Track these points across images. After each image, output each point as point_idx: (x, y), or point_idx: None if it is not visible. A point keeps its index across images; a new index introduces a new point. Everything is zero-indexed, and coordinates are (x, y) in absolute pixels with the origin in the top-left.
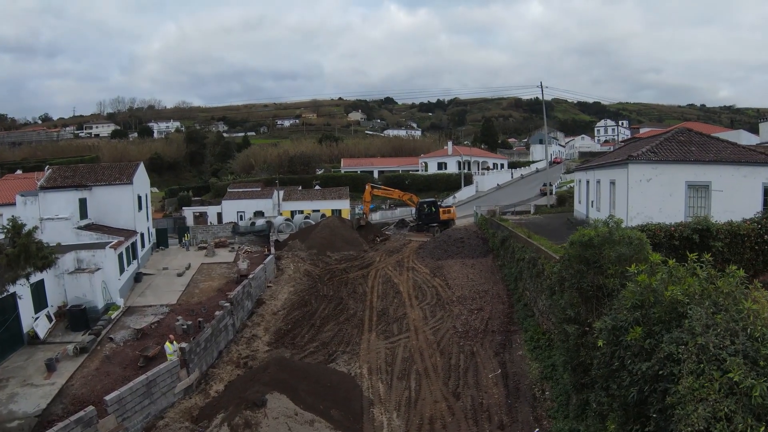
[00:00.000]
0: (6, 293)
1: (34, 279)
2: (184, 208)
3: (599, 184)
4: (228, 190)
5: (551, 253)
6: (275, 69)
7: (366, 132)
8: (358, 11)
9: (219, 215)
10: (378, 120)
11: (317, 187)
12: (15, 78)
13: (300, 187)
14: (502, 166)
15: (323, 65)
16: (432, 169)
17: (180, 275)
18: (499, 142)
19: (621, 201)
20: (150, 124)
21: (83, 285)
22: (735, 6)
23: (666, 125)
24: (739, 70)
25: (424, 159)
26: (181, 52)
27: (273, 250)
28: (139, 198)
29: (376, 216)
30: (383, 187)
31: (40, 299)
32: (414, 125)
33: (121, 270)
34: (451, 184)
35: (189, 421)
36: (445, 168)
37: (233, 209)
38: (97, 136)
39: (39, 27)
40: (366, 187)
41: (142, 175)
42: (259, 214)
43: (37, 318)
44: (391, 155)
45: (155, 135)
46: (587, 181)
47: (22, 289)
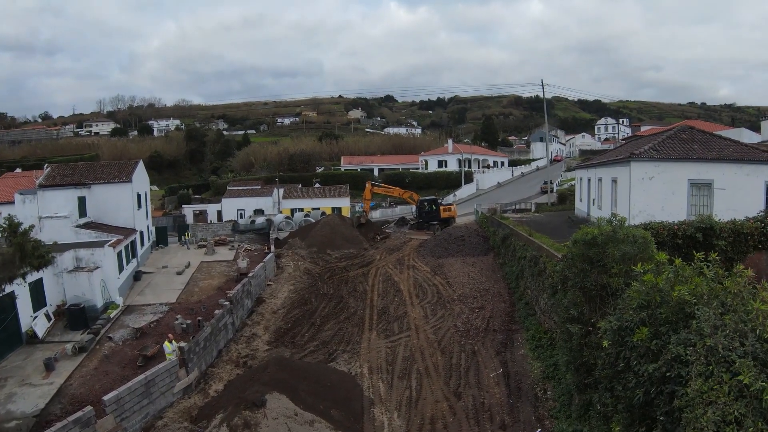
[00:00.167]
0: (2, 293)
1: (32, 278)
2: (183, 206)
3: (601, 182)
4: (228, 188)
5: (553, 252)
6: (275, 67)
7: (366, 130)
8: (358, 9)
9: (219, 213)
10: (378, 118)
11: (317, 185)
12: (15, 77)
13: (300, 185)
14: (502, 164)
15: (323, 63)
16: (432, 167)
17: (179, 274)
18: (500, 140)
19: (623, 199)
20: (150, 122)
21: (82, 284)
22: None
23: (666, 123)
24: (740, 68)
25: (424, 157)
26: (181, 50)
27: (273, 248)
28: (139, 196)
29: (376, 214)
30: (383, 185)
31: (38, 298)
32: (414, 123)
33: (120, 268)
34: (452, 182)
35: (188, 421)
36: (446, 166)
37: (233, 207)
38: (97, 134)
39: (38, 26)
40: (366, 185)
41: (141, 173)
42: (259, 212)
43: (36, 317)
44: (392, 153)
45: (155, 133)
46: (588, 179)
47: (20, 288)
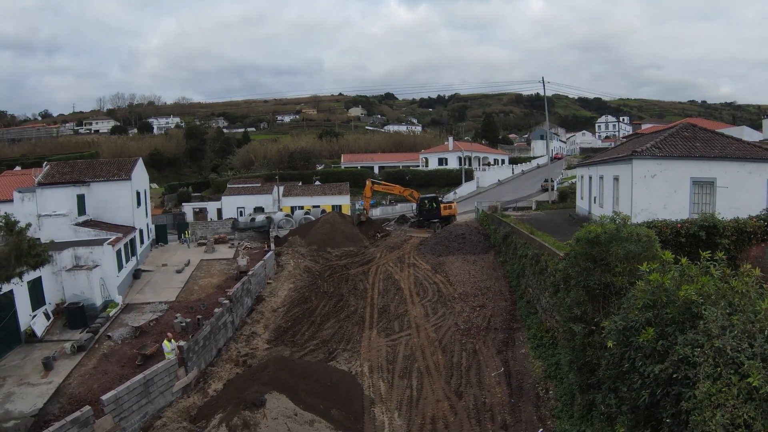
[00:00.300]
0: (0, 292)
1: (30, 277)
2: (183, 204)
3: (602, 180)
4: (228, 185)
5: (555, 250)
6: (275, 65)
7: (366, 127)
8: (357, 6)
9: (219, 211)
10: (378, 115)
11: (317, 183)
12: (14, 75)
13: (300, 183)
14: (503, 161)
15: (323, 61)
16: (433, 165)
17: (179, 272)
18: (500, 137)
19: (625, 197)
20: (150, 120)
21: (81, 282)
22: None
23: (667, 121)
24: (740, 66)
25: (424, 154)
26: (181, 48)
27: (273, 246)
28: (138, 194)
29: (376, 212)
30: (384, 183)
31: (37, 297)
32: (414, 121)
33: (120, 267)
34: (452, 179)
35: (187, 421)
36: (446, 164)
37: (233, 205)
38: (97, 132)
39: (38, 24)
40: (366, 183)
41: (140, 171)
42: (259, 209)
43: (35, 316)
44: (392, 151)
45: (155, 131)
46: (590, 177)
47: (18, 287)
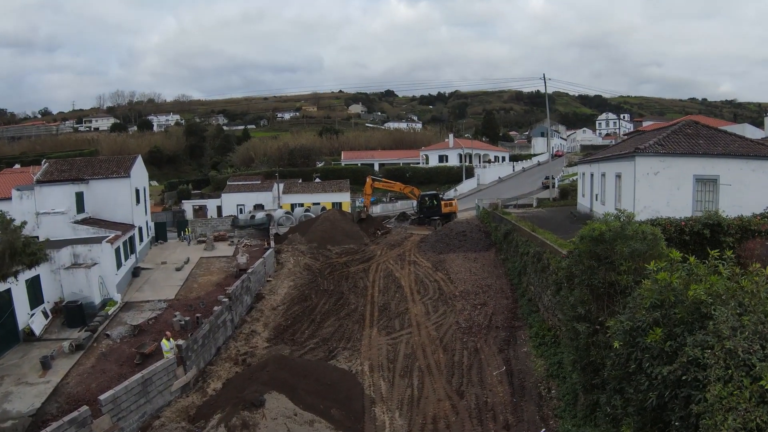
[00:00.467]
0: None
1: (29, 275)
2: (183, 201)
3: (604, 177)
4: (228, 183)
5: (557, 248)
6: (275, 62)
7: (366, 125)
8: (357, 3)
9: (219, 208)
10: (378, 113)
11: (317, 180)
12: (14, 73)
13: (300, 180)
14: (503, 159)
15: (323, 58)
16: (433, 162)
17: (178, 270)
18: (501, 135)
19: (627, 194)
20: (150, 117)
21: (79, 280)
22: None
23: (667, 119)
24: (741, 64)
25: (425, 152)
26: (181, 45)
27: (273, 243)
28: (137, 191)
29: (376, 209)
30: (384, 180)
31: (36, 295)
32: (415, 118)
33: (119, 265)
34: (453, 176)
35: (186, 421)
36: (447, 161)
37: (233, 202)
38: (97, 129)
39: (38, 22)
40: (367, 180)
41: (139, 168)
42: (259, 207)
43: (33, 314)
44: (392, 148)
45: (155, 128)
46: (591, 174)
47: (17, 285)
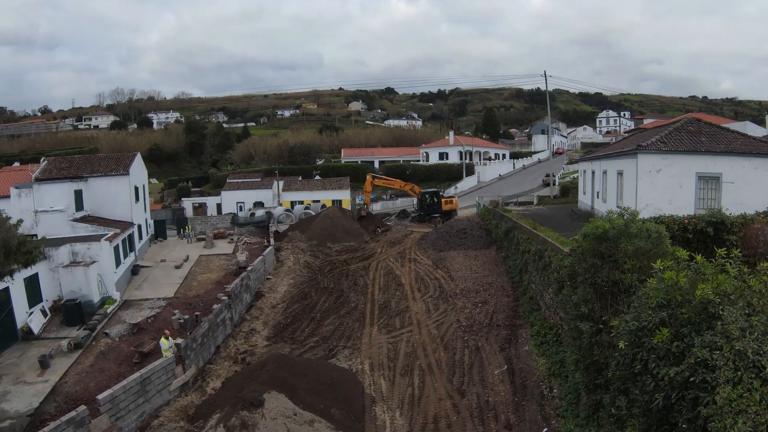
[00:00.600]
0: None
1: (27, 273)
2: (183, 199)
3: (606, 174)
4: (227, 180)
5: (558, 246)
6: (275, 59)
7: (366, 122)
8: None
9: (218, 206)
10: (378, 110)
11: (317, 178)
12: (14, 71)
13: (300, 178)
14: (503, 156)
15: (323, 55)
16: (433, 159)
17: (178, 267)
18: (501, 132)
19: (629, 192)
20: (149, 115)
21: (78, 278)
22: None
23: (668, 116)
24: (741, 62)
25: (425, 149)
26: (180, 42)
27: (272, 241)
28: (136, 189)
29: (377, 206)
30: (384, 177)
31: (34, 293)
32: (415, 115)
33: (117, 263)
34: (453, 174)
35: (184, 421)
36: (447, 158)
37: (233, 200)
38: (97, 127)
39: (37, 19)
40: (367, 177)
41: (139, 166)
42: (259, 204)
43: (32, 313)
44: (392, 145)
45: (155, 126)
46: (593, 172)
47: (15, 284)
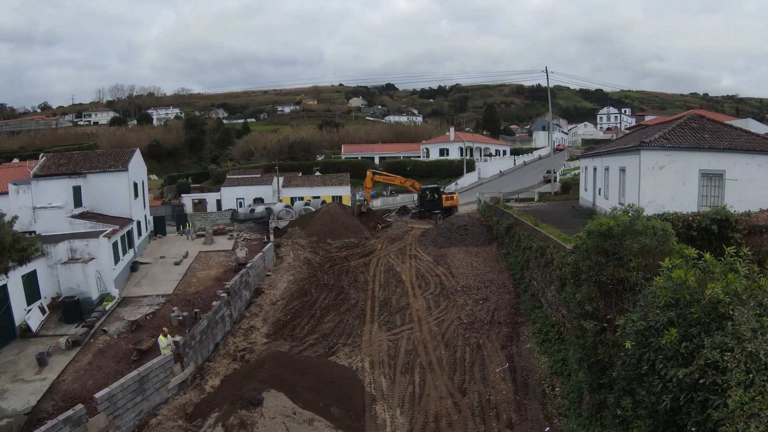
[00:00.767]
0: None
1: (26, 270)
2: (183, 195)
3: (608, 171)
4: (227, 176)
5: (561, 243)
6: (275, 55)
7: (367, 118)
8: None
9: (218, 202)
10: (379, 106)
11: (317, 174)
12: (14, 67)
13: (300, 174)
14: (504, 152)
15: (323, 51)
16: (434, 156)
17: (177, 264)
18: (502, 128)
19: (632, 189)
20: (149, 111)
21: (77, 275)
22: None
23: (669, 113)
24: (742, 59)
25: (425, 145)
26: (180, 39)
27: (272, 237)
28: (135, 185)
29: (377, 202)
30: (384, 174)
31: (32, 290)
32: (415, 111)
33: (116, 259)
34: (453, 170)
35: (183, 419)
36: (447, 154)
37: (232, 196)
38: (96, 123)
39: (37, 16)
40: (367, 173)
41: (138, 162)
42: (259, 200)
43: (30, 310)
44: (393, 141)
45: (154, 122)
46: (594, 168)
47: (13, 281)
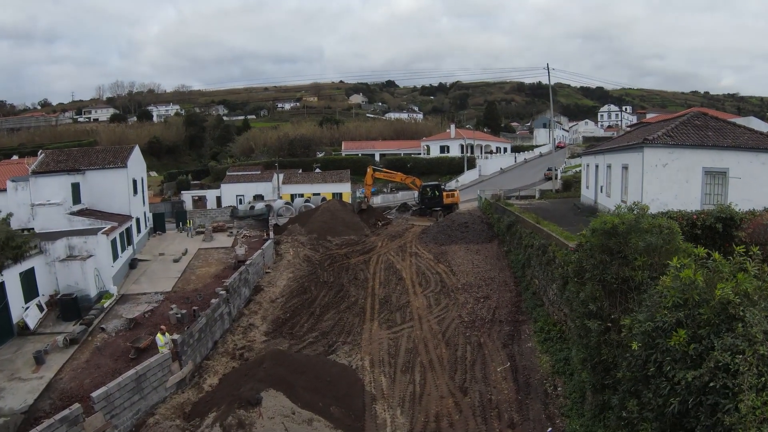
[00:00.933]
0: None
1: (23, 267)
2: (182, 191)
3: (610, 168)
4: (227, 173)
5: (563, 240)
6: (275, 52)
7: (367, 115)
8: None
9: (218, 199)
10: (379, 103)
11: (317, 170)
12: (14, 64)
13: (300, 170)
14: (505, 149)
15: (324, 48)
16: (434, 153)
17: (176, 261)
18: (502, 125)
19: (634, 187)
20: (149, 107)
21: (75, 273)
22: None
23: (669, 111)
24: (743, 58)
25: (426, 142)
26: (180, 35)
27: (272, 234)
28: (135, 182)
29: (377, 199)
30: (385, 171)
31: (30, 288)
32: (416, 108)
33: (115, 257)
34: (454, 167)
35: (180, 419)
36: (448, 151)
37: (232, 193)
38: (96, 120)
39: (37, 12)
40: (367, 170)
41: (137, 159)
42: (259, 197)
43: (28, 308)
44: (393, 138)
45: (155, 119)
46: (596, 166)
47: (11, 278)
